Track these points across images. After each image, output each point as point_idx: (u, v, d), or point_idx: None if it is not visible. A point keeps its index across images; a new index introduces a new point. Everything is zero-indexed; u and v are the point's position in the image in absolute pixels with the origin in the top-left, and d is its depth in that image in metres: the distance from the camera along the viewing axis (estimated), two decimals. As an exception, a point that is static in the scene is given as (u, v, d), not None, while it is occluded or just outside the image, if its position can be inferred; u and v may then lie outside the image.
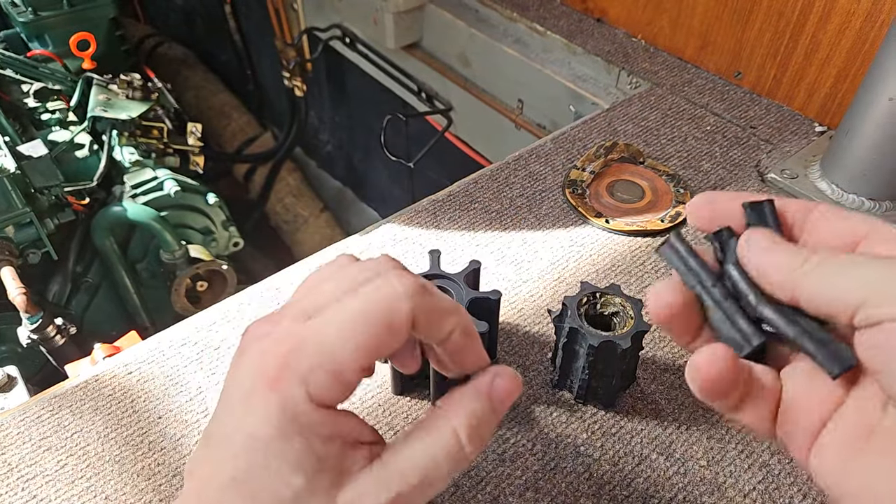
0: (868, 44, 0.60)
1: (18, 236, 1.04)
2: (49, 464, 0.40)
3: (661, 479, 0.39)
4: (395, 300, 0.26)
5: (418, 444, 0.26)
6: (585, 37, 0.81)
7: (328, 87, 1.52)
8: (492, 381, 0.28)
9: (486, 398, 0.27)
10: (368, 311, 0.25)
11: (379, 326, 0.25)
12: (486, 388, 0.27)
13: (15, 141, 1.08)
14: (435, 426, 0.27)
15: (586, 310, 0.40)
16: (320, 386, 0.25)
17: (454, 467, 0.26)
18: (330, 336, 0.26)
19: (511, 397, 0.28)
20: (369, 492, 0.26)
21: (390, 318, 0.25)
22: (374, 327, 0.25)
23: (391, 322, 0.25)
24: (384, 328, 0.25)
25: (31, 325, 0.98)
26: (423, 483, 0.26)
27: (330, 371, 0.25)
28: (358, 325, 0.25)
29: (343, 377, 0.25)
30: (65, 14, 1.28)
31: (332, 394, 0.26)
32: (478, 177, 0.61)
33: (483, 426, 0.27)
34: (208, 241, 1.30)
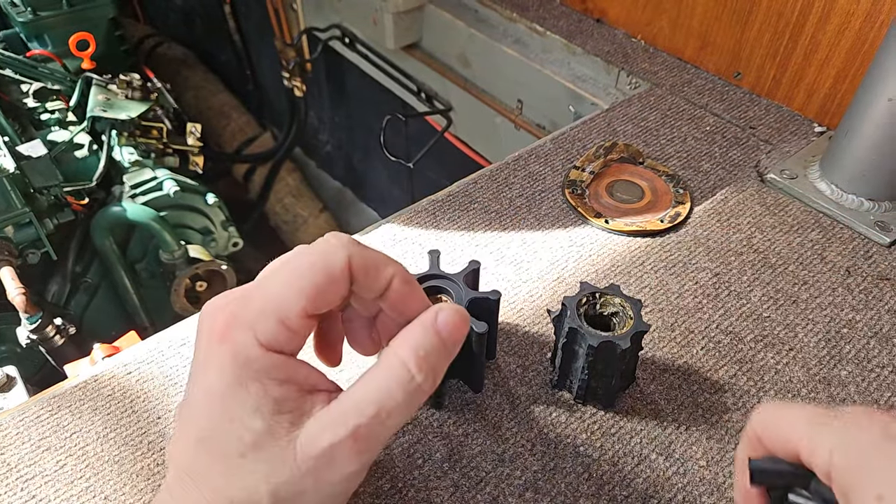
0: (867, 44, 0.60)
1: (18, 236, 1.04)
2: (48, 464, 0.40)
3: (661, 480, 0.39)
4: (331, 249, 0.28)
5: (370, 378, 0.27)
6: (585, 37, 0.81)
7: (328, 88, 1.52)
8: (435, 314, 0.29)
9: (431, 330, 0.28)
10: (307, 261, 0.27)
11: (318, 273, 0.27)
12: (430, 321, 0.28)
13: (14, 141, 1.08)
14: (384, 361, 0.28)
15: (586, 310, 0.40)
16: (268, 331, 0.27)
17: (410, 398, 0.27)
18: (273, 287, 0.27)
19: (457, 329, 0.29)
20: (327, 427, 0.26)
21: (327, 264, 0.27)
22: (314, 274, 0.27)
23: (329, 268, 0.27)
24: (323, 274, 0.27)
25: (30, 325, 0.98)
26: (380, 414, 0.26)
27: (274, 316, 0.27)
28: (297, 273, 0.27)
29: (289, 322, 0.27)
30: (64, 14, 1.27)
31: (281, 339, 0.27)
32: (477, 177, 0.61)
33: (431, 356, 0.28)
34: (208, 242, 1.30)
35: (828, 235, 0.54)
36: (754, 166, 0.61)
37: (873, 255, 0.53)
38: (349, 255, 0.28)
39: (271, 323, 0.27)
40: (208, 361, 0.27)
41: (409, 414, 0.28)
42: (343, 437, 0.26)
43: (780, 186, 0.59)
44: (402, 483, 0.38)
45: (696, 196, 0.58)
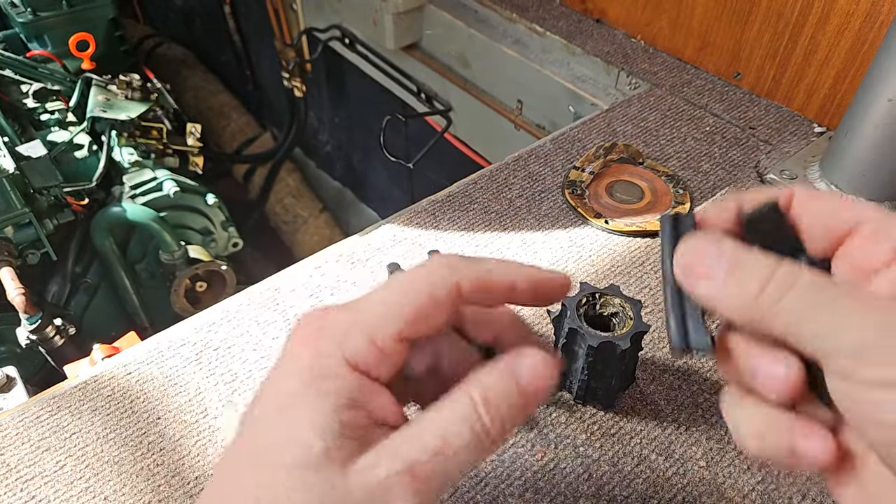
0: (867, 44, 0.60)
1: (17, 237, 1.04)
2: (48, 464, 0.40)
3: (661, 480, 0.39)
4: (438, 270, 0.25)
5: (435, 413, 0.25)
6: (585, 37, 0.81)
7: (327, 88, 1.52)
8: (515, 358, 0.26)
9: (507, 375, 0.25)
10: (408, 281, 0.25)
11: (420, 294, 0.25)
12: (508, 366, 0.26)
13: (14, 141, 1.08)
14: (452, 396, 0.25)
15: (585, 310, 0.40)
16: (355, 348, 0.25)
17: (477, 441, 0.24)
18: (371, 303, 0.26)
19: (540, 379, 0.25)
20: (383, 461, 0.24)
21: (431, 285, 0.25)
22: (414, 295, 0.25)
23: (432, 289, 0.25)
24: (426, 296, 0.25)
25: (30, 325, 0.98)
26: (443, 451, 0.24)
27: (366, 333, 0.25)
28: (397, 293, 0.25)
29: (380, 342, 0.25)
30: (64, 14, 1.27)
31: (369, 359, 0.25)
32: (477, 177, 0.61)
33: (503, 404, 0.25)
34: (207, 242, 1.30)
35: (827, 236, 0.54)
36: (754, 167, 0.61)
37: (873, 256, 0.53)
38: (458, 280, 0.25)
39: (361, 339, 0.25)
40: (286, 365, 0.26)
41: (474, 459, 0.25)
42: (400, 470, 0.24)
43: (780, 187, 0.59)
44: (401, 483, 0.38)
45: (696, 196, 0.58)
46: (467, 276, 0.25)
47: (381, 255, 0.53)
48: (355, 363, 0.25)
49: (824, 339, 0.20)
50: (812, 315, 0.20)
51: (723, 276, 0.22)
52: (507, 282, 0.26)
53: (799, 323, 0.21)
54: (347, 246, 0.54)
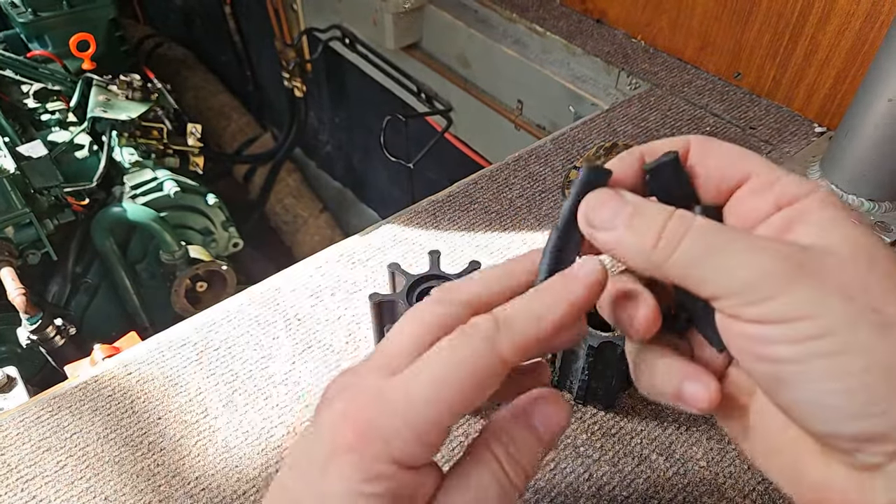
0: (867, 44, 0.60)
1: (18, 237, 1.04)
2: (48, 464, 0.40)
3: (661, 480, 0.39)
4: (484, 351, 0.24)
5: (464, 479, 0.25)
6: (585, 38, 0.81)
7: (328, 88, 1.52)
8: (531, 403, 0.26)
9: (525, 427, 0.25)
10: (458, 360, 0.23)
11: (468, 383, 0.23)
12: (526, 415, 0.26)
13: (15, 141, 1.08)
14: (477, 456, 0.25)
15: None
16: (403, 448, 0.23)
17: (503, 495, 0.24)
18: (415, 394, 0.24)
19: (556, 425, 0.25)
20: None
21: (481, 371, 0.23)
22: (464, 383, 0.23)
23: (482, 377, 0.24)
24: (473, 384, 0.23)
25: (30, 325, 0.98)
26: None
27: (414, 433, 0.23)
28: (447, 379, 0.23)
29: (428, 438, 0.23)
30: (64, 15, 1.28)
31: (416, 455, 0.24)
32: (477, 177, 0.61)
33: (524, 458, 0.25)
34: (208, 242, 1.30)
35: (828, 236, 0.54)
36: (754, 167, 0.61)
37: (873, 256, 0.53)
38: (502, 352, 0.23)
39: (409, 441, 0.23)
40: (328, 467, 0.24)
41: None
42: None
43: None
44: (402, 483, 0.38)
45: (697, 196, 0.58)
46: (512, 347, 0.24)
47: (382, 256, 0.53)
48: (404, 462, 0.24)
49: (714, 281, 0.21)
50: (704, 259, 0.22)
51: (622, 227, 0.23)
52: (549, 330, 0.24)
53: (692, 267, 0.22)
54: (348, 246, 0.54)
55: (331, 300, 0.50)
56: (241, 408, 0.43)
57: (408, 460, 0.24)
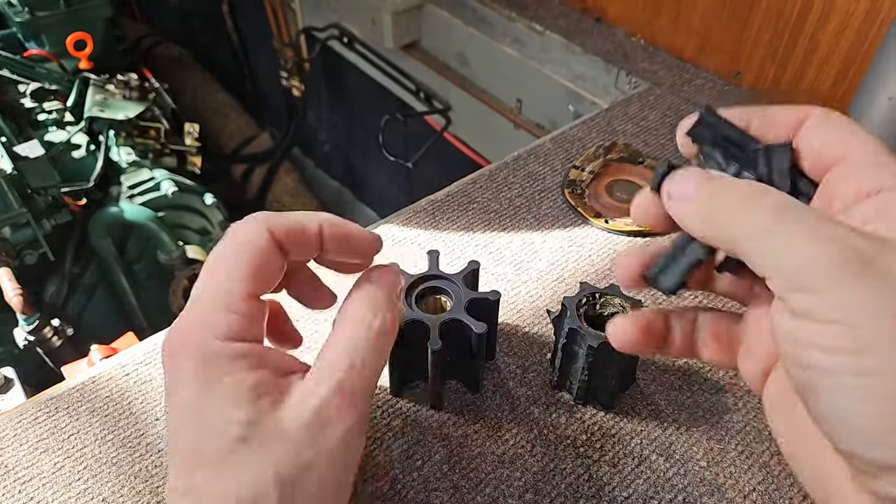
0: (867, 43, 0.59)
1: (15, 237, 1.04)
2: (46, 466, 0.40)
3: (661, 481, 0.39)
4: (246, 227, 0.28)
5: (333, 339, 0.28)
6: (584, 36, 0.81)
7: (326, 87, 1.51)
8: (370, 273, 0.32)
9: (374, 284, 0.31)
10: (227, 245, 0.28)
11: (245, 253, 0.27)
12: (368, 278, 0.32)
13: (11, 141, 1.08)
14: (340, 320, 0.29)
15: (586, 310, 0.40)
16: (220, 324, 0.26)
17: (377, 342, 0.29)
18: (210, 284, 0.28)
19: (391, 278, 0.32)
20: (309, 393, 0.26)
21: (251, 241, 0.28)
22: (241, 255, 0.27)
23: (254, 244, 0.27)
24: (250, 252, 0.27)
25: (27, 326, 0.97)
26: (354, 364, 0.27)
27: (221, 307, 0.27)
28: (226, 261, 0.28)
29: (236, 308, 0.27)
30: (61, 14, 1.27)
31: (236, 327, 0.27)
32: (476, 177, 0.60)
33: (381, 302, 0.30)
34: (206, 242, 1.30)
35: (828, 235, 0.54)
36: (754, 166, 0.61)
37: (873, 255, 0.53)
38: (269, 227, 0.28)
39: (221, 315, 0.27)
40: (172, 380, 0.27)
41: (382, 359, 0.29)
42: (327, 395, 0.26)
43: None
44: (401, 485, 0.38)
45: (696, 196, 0.58)
46: (276, 223, 0.28)
47: (380, 255, 0.53)
48: (227, 335, 0.26)
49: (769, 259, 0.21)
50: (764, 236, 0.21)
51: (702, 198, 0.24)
52: (314, 225, 0.29)
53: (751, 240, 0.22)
54: (346, 246, 0.54)
55: (329, 300, 0.49)
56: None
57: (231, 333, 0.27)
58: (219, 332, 0.26)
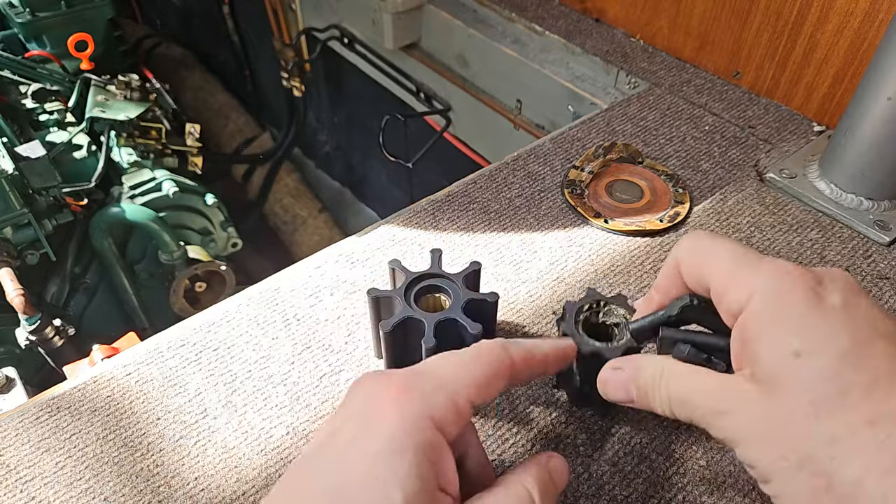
0: (866, 43, 0.60)
1: (16, 237, 1.04)
2: (47, 465, 0.40)
3: (661, 480, 0.39)
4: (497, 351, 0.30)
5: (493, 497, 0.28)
6: (584, 37, 0.81)
7: (327, 88, 1.52)
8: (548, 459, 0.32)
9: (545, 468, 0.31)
10: (476, 356, 0.29)
11: (485, 365, 0.29)
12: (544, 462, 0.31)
13: (13, 142, 1.08)
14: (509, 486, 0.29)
15: (587, 317, 0.39)
16: (439, 406, 0.27)
17: None
18: (446, 368, 0.29)
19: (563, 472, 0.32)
20: None
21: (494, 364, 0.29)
22: (483, 363, 0.29)
23: (496, 367, 0.29)
24: (491, 371, 0.29)
25: (29, 326, 0.98)
26: None
27: (447, 393, 0.27)
28: (468, 360, 0.29)
29: (458, 405, 0.27)
30: (62, 15, 1.27)
31: (448, 418, 0.27)
32: (476, 177, 0.61)
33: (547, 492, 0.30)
34: (207, 242, 1.30)
35: (827, 235, 0.54)
36: (753, 166, 0.61)
37: (872, 255, 0.53)
38: (510, 353, 0.30)
39: (443, 399, 0.27)
40: (372, 417, 0.26)
41: None
42: None
43: (780, 186, 0.59)
44: (401, 484, 0.38)
45: (696, 195, 0.58)
46: (517, 353, 0.30)
47: (381, 255, 0.53)
48: (437, 421, 0.27)
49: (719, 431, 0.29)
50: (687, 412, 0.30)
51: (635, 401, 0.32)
52: (543, 356, 0.32)
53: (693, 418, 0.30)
54: (347, 246, 0.54)
55: (330, 300, 0.50)
56: (240, 408, 0.43)
57: (441, 420, 0.27)
58: (434, 412, 0.27)
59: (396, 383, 0.27)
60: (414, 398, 0.27)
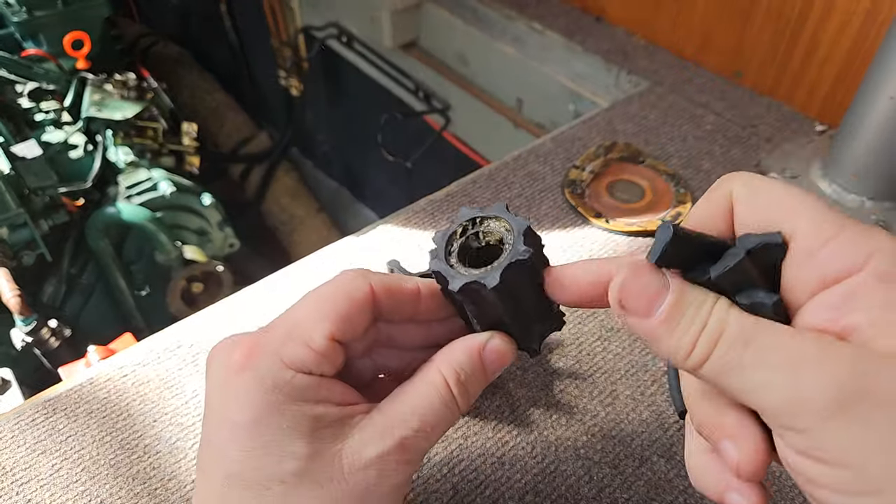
0: (868, 42, 0.59)
1: (12, 238, 1.03)
2: (43, 467, 0.40)
3: (662, 482, 0.38)
4: (354, 277, 0.28)
5: (412, 391, 0.27)
6: (584, 35, 0.81)
7: (325, 87, 1.51)
8: (486, 341, 0.28)
9: (476, 355, 0.28)
10: (329, 289, 0.28)
11: (340, 298, 0.27)
12: (478, 347, 0.28)
13: (9, 142, 1.07)
14: (426, 375, 0.28)
15: (464, 242, 0.30)
16: (294, 354, 0.26)
17: (449, 414, 0.27)
18: (296, 314, 0.27)
19: (501, 360, 0.28)
20: (373, 438, 0.26)
21: (349, 290, 0.27)
22: (336, 299, 0.27)
23: (351, 293, 0.27)
24: (345, 298, 0.27)
25: (25, 327, 0.97)
26: (424, 426, 0.26)
27: (299, 339, 0.26)
28: (320, 299, 0.27)
29: (314, 345, 0.26)
30: (59, 13, 1.27)
31: (308, 362, 0.26)
32: (476, 176, 0.60)
33: (470, 382, 0.28)
34: (204, 242, 1.29)
35: (829, 235, 0.54)
36: (755, 165, 0.61)
37: (875, 255, 0.52)
38: (371, 281, 0.28)
39: (297, 346, 0.26)
40: (227, 395, 0.26)
41: (445, 430, 0.28)
42: (391, 447, 0.26)
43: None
44: (401, 486, 0.38)
45: (697, 195, 0.58)
46: (378, 282, 0.28)
47: (379, 255, 0.53)
48: (297, 367, 0.26)
49: (755, 395, 0.20)
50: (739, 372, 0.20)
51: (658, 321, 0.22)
52: (412, 287, 0.29)
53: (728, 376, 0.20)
54: (345, 246, 0.54)
55: (329, 301, 0.49)
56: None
57: (301, 366, 0.26)
58: (289, 360, 0.26)
59: (242, 347, 0.27)
60: (262, 358, 0.26)
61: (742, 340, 0.20)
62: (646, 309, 0.22)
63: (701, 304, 0.21)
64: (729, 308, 0.21)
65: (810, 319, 0.21)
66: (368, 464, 0.25)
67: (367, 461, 0.25)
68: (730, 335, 0.20)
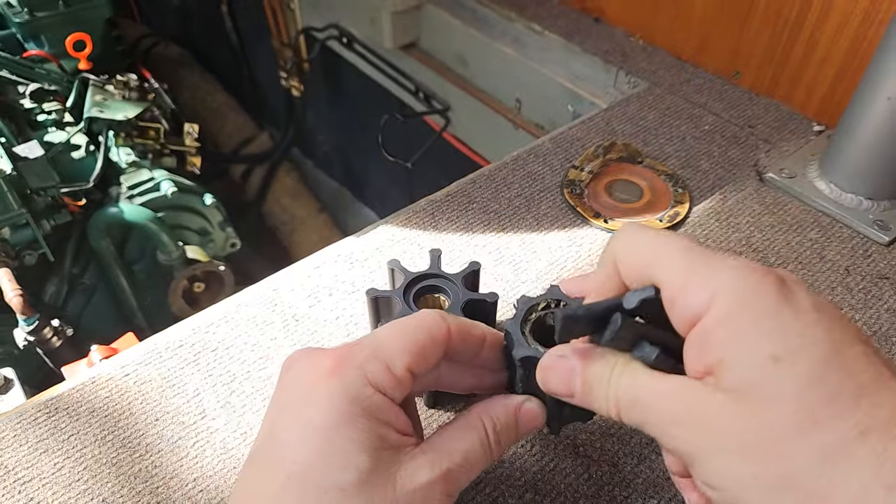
0: (866, 43, 0.60)
1: (14, 238, 1.04)
2: (46, 466, 0.40)
3: (661, 480, 0.39)
4: (434, 317, 0.31)
5: (457, 432, 0.31)
6: (583, 36, 0.81)
7: (325, 88, 1.51)
8: (522, 402, 0.32)
9: (512, 413, 0.32)
10: (413, 323, 0.30)
11: (422, 333, 0.30)
12: (516, 406, 0.32)
13: (11, 142, 1.08)
14: (471, 420, 0.31)
15: (540, 318, 0.34)
16: (377, 373, 0.28)
17: (484, 458, 0.30)
18: (381, 337, 0.30)
19: (532, 421, 0.32)
20: (423, 466, 0.28)
21: (431, 329, 0.30)
22: (418, 334, 0.30)
23: (433, 332, 0.30)
24: (427, 336, 0.30)
25: (27, 326, 0.97)
26: (465, 463, 0.29)
27: (382, 362, 0.28)
28: (404, 331, 0.30)
29: (395, 369, 0.29)
30: (60, 15, 1.27)
31: (386, 384, 0.28)
32: (476, 177, 0.60)
33: (503, 434, 0.31)
34: (205, 242, 1.29)
35: (827, 234, 0.54)
36: (753, 165, 0.61)
37: (872, 254, 0.53)
38: (448, 321, 0.31)
39: (380, 367, 0.28)
40: (311, 397, 0.28)
41: (480, 471, 0.31)
42: (438, 475, 0.28)
43: (779, 185, 0.59)
44: (401, 485, 0.38)
45: (695, 195, 0.58)
46: (454, 323, 0.31)
47: (380, 255, 0.53)
48: (377, 386, 0.28)
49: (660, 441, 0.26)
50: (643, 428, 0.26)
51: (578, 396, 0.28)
52: (480, 333, 0.32)
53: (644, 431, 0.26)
54: (346, 246, 0.54)
55: (329, 300, 0.49)
56: (238, 409, 0.43)
57: (379, 384, 0.28)
58: (372, 378, 0.28)
59: (330, 357, 0.29)
60: (349, 369, 0.28)
61: (630, 402, 0.26)
62: (567, 392, 0.29)
63: (601, 376, 0.27)
64: (623, 371, 0.26)
65: (687, 360, 0.25)
66: (417, 489, 0.28)
67: (417, 486, 0.28)
68: (625, 401, 0.26)
